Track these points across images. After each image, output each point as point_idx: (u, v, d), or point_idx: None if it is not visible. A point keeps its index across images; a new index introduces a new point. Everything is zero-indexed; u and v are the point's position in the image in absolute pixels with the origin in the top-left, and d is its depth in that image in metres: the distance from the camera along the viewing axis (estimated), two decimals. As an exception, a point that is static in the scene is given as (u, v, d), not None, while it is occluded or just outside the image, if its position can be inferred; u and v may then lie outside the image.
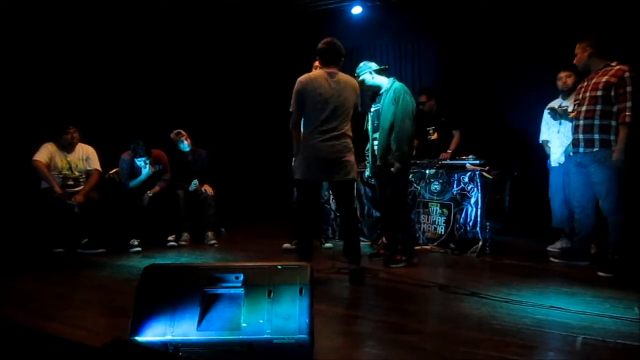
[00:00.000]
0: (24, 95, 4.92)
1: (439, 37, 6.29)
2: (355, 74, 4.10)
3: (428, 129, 5.60)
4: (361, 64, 4.18)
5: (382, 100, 4.10)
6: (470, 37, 5.98)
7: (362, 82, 4.08)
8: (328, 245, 5.04)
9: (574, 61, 3.98)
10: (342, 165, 3.55)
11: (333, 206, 5.30)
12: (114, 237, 4.86)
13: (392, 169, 4.01)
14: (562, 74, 4.61)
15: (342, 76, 3.62)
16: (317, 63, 4.41)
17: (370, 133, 4.28)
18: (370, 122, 4.28)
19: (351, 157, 3.62)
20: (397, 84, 4.10)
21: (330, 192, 4.74)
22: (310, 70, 4.54)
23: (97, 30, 5.47)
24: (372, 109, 4.24)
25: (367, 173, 4.62)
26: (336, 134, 3.54)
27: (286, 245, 4.82)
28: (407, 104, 4.01)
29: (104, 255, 4.61)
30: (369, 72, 4.11)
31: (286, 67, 6.73)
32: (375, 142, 4.17)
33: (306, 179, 3.61)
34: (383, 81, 4.14)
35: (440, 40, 6.28)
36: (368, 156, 4.37)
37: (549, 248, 4.79)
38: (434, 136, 5.59)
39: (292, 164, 3.90)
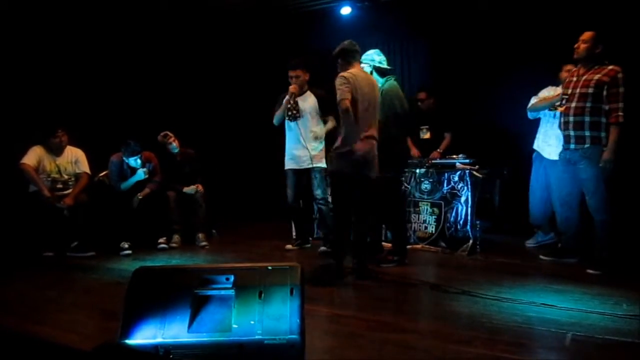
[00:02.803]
0: (12, 98, 4.87)
1: (428, 37, 6.30)
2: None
3: (422, 127, 5.54)
4: (370, 52, 4.08)
5: None
6: (459, 37, 6.00)
7: None
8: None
9: (578, 47, 3.82)
10: (374, 163, 3.68)
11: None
12: (104, 240, 4.82)
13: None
14: (568, 67, 4.35)
15: (371, 76, 3.78)
16: (292, 73, 4.47)
17: None
18: None
19: (376, 155, 3.74)
20: (387, 85, 4.00)
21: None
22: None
23: (85, 34, 5.43)
24: None
25: None
26: (371, 133, 3.66)
27: (288, 246, 4.81)
28: (392, 107, 3.92)
29: (94, 258, 4.58)
30: (369, 65, 4.02)
31: (275, 67, 6.75)
32: None
33: (344, 174, 3.65)
34: (378, 80, 3.99)
35: (430, 41, 6.30)
36: None
37: (527, 243, 4.88)
38: (427, 135, 5.55)
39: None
